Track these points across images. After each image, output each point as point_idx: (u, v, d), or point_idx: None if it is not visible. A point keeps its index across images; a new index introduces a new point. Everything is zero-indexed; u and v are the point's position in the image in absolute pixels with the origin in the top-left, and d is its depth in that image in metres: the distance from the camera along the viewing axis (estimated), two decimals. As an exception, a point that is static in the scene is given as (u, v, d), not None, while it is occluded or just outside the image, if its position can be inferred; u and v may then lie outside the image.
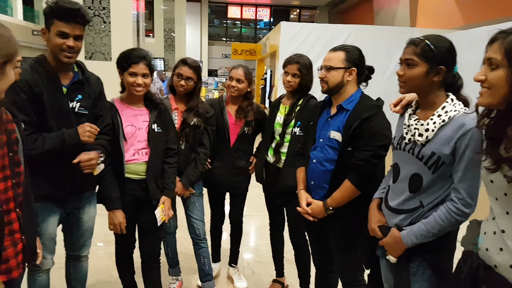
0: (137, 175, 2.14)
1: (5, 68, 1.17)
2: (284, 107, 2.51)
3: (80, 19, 1.77)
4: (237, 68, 2.59)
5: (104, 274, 2.93)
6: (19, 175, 1.42)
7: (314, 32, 7.37)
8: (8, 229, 1.38)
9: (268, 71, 10.54)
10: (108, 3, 5.25)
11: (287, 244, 2.69)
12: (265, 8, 21.49)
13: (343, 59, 1.86)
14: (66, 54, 1.78)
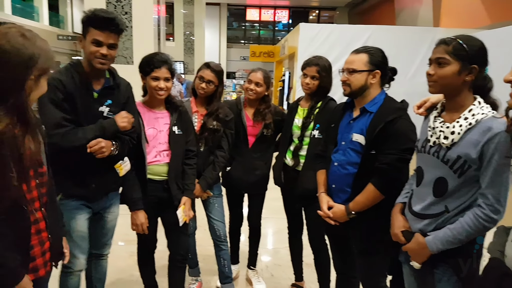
0: (159, 176, 2.17)
1: (40, 80, 1.21)
2: (303, 109, 2.49)
3: (114, 28, 1.82)
4: (256, 72, 2.58)
5: (126, 273, 2.97)
6: (42, 175, 1.46)
7: (334, 33, 7.30)
8: (35, 228, 1.41)
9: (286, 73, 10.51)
10: (130, 8, 5.33)
11: (306, 248, 2.66)
12: (284, 10, 21.46)
13: (366, 62, 1.83)
14: (100, 61, 1.83)
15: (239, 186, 2.69)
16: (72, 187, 1.87)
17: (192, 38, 14.19)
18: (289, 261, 2.84)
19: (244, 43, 21.75)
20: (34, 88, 1.19)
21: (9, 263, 1.23)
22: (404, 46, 6.94)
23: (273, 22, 21.85)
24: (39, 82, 1.21)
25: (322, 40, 7.31)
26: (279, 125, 2.63)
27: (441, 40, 1.48)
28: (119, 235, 2.23)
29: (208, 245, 2.96)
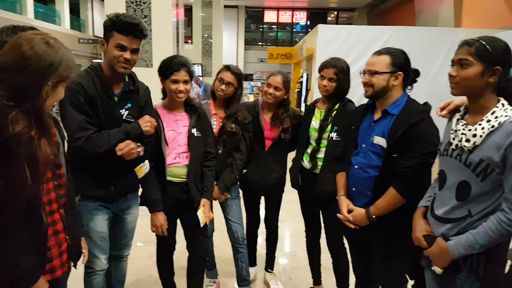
0: (178, 178, 2.19)
1: (57, 87, 1.24)
2: (320, 111, 2.47)
3: (138, 33, 1.83)
4: (276, 75, 2.56)
5: (144, 274, 2.99)
6: (60, 177, 1.48)
7: (353, 34, 7.25)
8: (52, 230, 1.43)
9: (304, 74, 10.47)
10: (150, 11, 5.41)
11: (324, 251, 2.64)
12: (302, 11, 21.40)
13: (389, 63, 1.80)
14: (123, 65, 1.85)
15: (255, 188, 2.68)
16: (90, 188, 1.89)
17: (210, 41, 14.29)
18: (307, 264, 2.82)
19: (262, 45, 21.78)
20: (50, 94, 1.21)
21: (24, 265, 1.25)
22: (424, 47, 6.84)
23: (291, 24, 21.81)
24: (56, 89, 1.24)
25: (340, 41, 7.27)
26: (297, 129, 2.61)
27: (463, 41, 1.45)
28: (138, 236, 2.26)
29: (225, 247, 2.97)
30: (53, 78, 1.19)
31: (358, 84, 2.04)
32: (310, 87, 9.12)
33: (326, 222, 2.50)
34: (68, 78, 1.26)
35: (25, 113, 1.12)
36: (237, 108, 2.45)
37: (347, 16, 21.40)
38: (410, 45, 6.56)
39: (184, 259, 2.40)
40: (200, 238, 2.32)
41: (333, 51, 6.81)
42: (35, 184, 1.14)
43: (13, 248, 1.22)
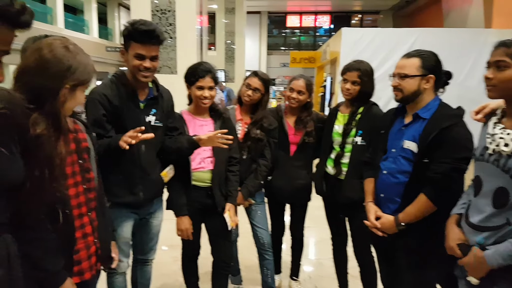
0: (203, 182, 2.20)
1: (76, 91, 1.26)
2: (343, 115, 2.41)
3: (155, 40, 1.83)
4: (298, 79, 2.52)
5: (170, 279, 3.00)
6: (89, 181, 1.50)
7: (378, 37, 7.11)
8: (81, 232, 1.46)
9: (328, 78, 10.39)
10: (174, 20, 5.49)
11: (351, 259, 2.58)
12: (325, 15, 21.28)
13: (419, 66, 1.75)
14: (143, 74, 1.86)
15: (281, 196, 2.63)
16: (121, 196, 1.92)
17: (233, 47, 14.39)
18: (333, 273, 2.75)
19: (284, 50, 21.77)
20: (69, 98, 1.24)
21: (51, 266, 1.26)
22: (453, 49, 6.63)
23: (314, 28, 21.72)
24: (74, 93, 1.26)
25: (365, 44, 7.16)
26: (321, 132, 2.57)
27: (500, 42, 1.39)
28: (163, 239, 2.27)
29: (249, 253, 2.95)
30: (71, 81, 1.22)
31: (384, 87, 1.99)
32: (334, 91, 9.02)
33: (352, 229, 2.44)
34: (87, 82, 1.29)
35: (44, 115, 1.15)
36: (263, 114, 2.42)
37: (372, 19, 21.12)
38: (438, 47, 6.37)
39: (209, 264, 2.40)
40: (224, 243, 2.32)
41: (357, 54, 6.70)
42: (54, 185, 1.17)
43: (40, 250, 1.24)
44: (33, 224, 1.22)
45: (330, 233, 2.65)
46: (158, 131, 2.00)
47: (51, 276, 1.27)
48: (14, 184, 1.04)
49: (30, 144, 1.10)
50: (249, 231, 2.64)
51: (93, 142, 1.57)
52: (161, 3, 5.46)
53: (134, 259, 2.21)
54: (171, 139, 2.07)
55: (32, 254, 1.22)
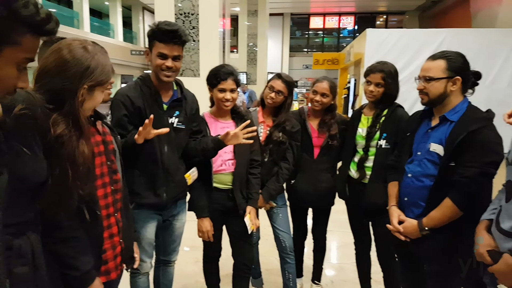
0: (224, 185, 2.20)
1: (94, 91, 1.27)
2: (366, 118, 2.36)
3: (177, 40, 1.85)
4: (322, 82, 2.48)
5: (191, 280, 3.02)
6: (116, 182, 1.53)
7: (404, 38, 7.01)
8: (108, 233, 1.48)
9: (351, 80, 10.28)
10: (197, 23, 5.54)
11: (375, 264, 2.53)
12: (349, 16, 21.05)
13: (445, 68, 1.70)
14: (166, 74, 1.88)
15: (304, 200, 2.59)
16: (144, 197, 1.94)
17: (255, 49, 14.41)
18: (356, 278, 2.71)
19: (307, 51, 21.65)
20: (87, 98, 1.25)
21: (81, 265, 1.29)
22: (481, 50, 6.46)
23: (338, 29, 21.52)
24: (93, 93, 1.27)
25: (390, 45, 7.06)
26: (344, 134, 2.53)
27: None
28: (185, 240, 2.29)
29: (270, 256, 2.94)
30: (89, 82, 1.22)
31: (410, 89, 1.94)
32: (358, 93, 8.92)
33: (376, 234, 2.39)
34: (105, 83, 1.29)
35: (64, 115, 1.16)
36: (286, 117, 2.40)
37: (397, 20, 20.75)
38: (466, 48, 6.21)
39: (230, 265, 2.40)
40: (245, 246, 2.31)
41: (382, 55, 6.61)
42: (77, 184, 1.17)
43: (71, 249, 1.26)
44: (65, 223, 1.25)
45: (353, 238, 2.61)
46: (181, 133, 2.02)
47: (82, 275, 1.29)
48: (37, 183, 1.05)
49: (51, 144, 1.11)
50: (270, 234, 2.63)
51: (118, 144, 1.60)
52: (184, 7, 5.52)
53: (156, 259, 2.23)
54: (196, 141, 2.09)
55: (65, 253, 1.25)
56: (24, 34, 0.84)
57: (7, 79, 0.87)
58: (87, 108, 1.28)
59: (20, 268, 0.97)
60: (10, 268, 0.92)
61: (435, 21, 17.13)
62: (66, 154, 1.14)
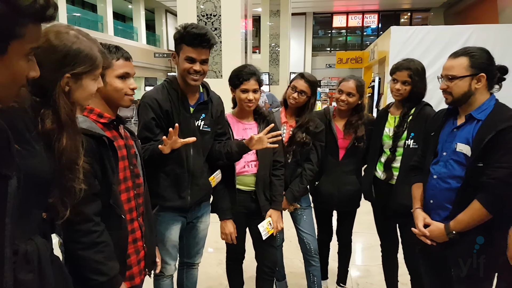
0: (247, 186, 2.20)
1: (81, 80, 1.14)
2: (393, 117, 2.31)
3: (206, 43, 1.85)
4: (348, 80, 2.43)
5: (215, 282, 3.04)
6: (139, 186, 1.54)
7: (429, 35, 6.83)
8: (132, 237, 1.49)
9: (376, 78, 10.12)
10: (220, 24, 5.56)
11: (401, 266, 2.47)
12: (373, 14, 20.72)
13: (467, 65, 1.64)
14: (193, 78, 1.89)
15: (329, 202, 2.55)
16: (169, 200, 1.95)
17: (278, 49, 14.37)
18: (382, 280, 2.67)
19: (330, 51, 21.45)
20: (74, 88, 1.13)
21: (110, 271, 1.29)
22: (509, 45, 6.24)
23: (361, 28, 21.22)
24: (80, 82, 1.14)
25: (415, 43, 6.91)
26: (371, 135, 2.47)
27: None
28: (209, 242, 2.30)
29: (294, 258, 2.92)
30: (70, 70, 1.10)
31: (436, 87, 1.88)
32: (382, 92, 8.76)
33: (404, 236, 2.33)
34: (95, 71, 1.17)
35: (50, 108, 1.05)
36: (309, 117, 2.36)
37: (422, 17, 20.29)
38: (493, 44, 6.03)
39: (254, 268, 2.39)
40: (269, 249, 2.29)
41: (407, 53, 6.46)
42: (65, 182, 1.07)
43: (100, 254, 1.27)
44: (94, 228, 1.26)
45: (380, 240, 2.56)
46: (207, 135, 2.03)
47: (108, 280, 1.29)
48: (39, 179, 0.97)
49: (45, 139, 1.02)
50: (294, 236, 2.61)
51: (139, 148, 1.62)
52: (206, 8, 5.56)
53: (180, 262, 2.25)
54: (220, 144, 2.09)
55: (93, 259, 1.25)
56: (26, 25, 0.80)
57: (19, 73, 0.84)
58: (79, 98, 1.16)
59: (25, 274, 0.91)
60: (14, 275, 0.86)
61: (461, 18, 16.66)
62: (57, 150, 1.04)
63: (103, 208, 1.34)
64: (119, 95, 1.47)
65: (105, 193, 1.35)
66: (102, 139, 1.35)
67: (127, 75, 1.48)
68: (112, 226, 1.36)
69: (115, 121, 1.49)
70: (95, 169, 1.32)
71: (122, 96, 1.48)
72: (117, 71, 1.46)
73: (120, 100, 1.49)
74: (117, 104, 1.50)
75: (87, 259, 1.26)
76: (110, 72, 1.44)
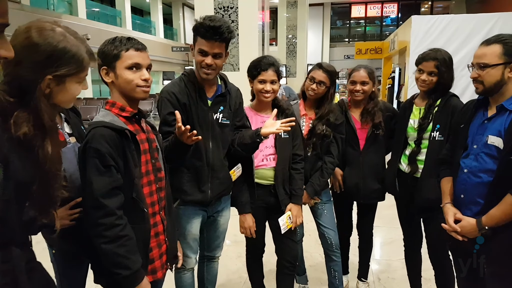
0: (266, 180, 2.16)
1: (64, 82, 1.05)
2: (418, 108, 2.24)
3: (218, 37, 1.78)
4: (359, 70, 2.39)
5: (234, 275, 3.03)
6: (161, 180, 1.54)
7: (452, 24, 6.63)
8: (154, 231, 1.48)
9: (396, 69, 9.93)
10: (237, 16, 5.53)
11: (425, 261, 2.41)
12: (392, 3, 20.35)
13: (501, 53, 1.55)
14: (205, 71, 1.85)
15: (352, 194, 2.50)
16: (190, 194, 1.94)
17: (295, 41, 14.25)
18: (404, 275, 2.60)
19: (349, 41, 21.18)
20: (56, 90, 1.03)
21: (133, 265, 1.29)
22: (540, 32, 5.99)
23: (381, 17, 20.85)
24: (63, 85, 1.05)
25: (437, 32, 6.73)
26: (390, 122, 2.42)
27: None
28: (227, 235, 2.28)
29: (314, 252, 2.88)
30: (53, 72, 1.01)
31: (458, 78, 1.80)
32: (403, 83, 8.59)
33: (428, 231, 2.27)
34: (79, 73, 1.08)
35: (26, 110, 0.95)
36: (329, 109, 2.31)
37: (443, 6, 19.81)
38: (522, 31, 5.82)
39: (274, 261, 2.37)
40: (289, 243, 2.26)
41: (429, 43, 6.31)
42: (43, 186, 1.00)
43: (123, 248, 1.27)
44: (117, 222, 1.26)
45: (403, 234, 2.50)
46: (226, 128, 2.00)
47: (131, 274, 1.29)
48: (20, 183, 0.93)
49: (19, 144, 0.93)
50: (313, 230, 2.57)
51: (160, 142, 1.60)
52: (223, 1, 5.53)
53: (200, 255, 2.25)
54: (234, 137, 2.06)
55: (117, 252, 1.26)
56: None
57: None
58: (61, 101, 1.07)
59: None
60: None
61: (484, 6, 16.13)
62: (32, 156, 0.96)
63: (126, 202, 1.33)
64: (130, 86, 1.41)
65: (128, 186, 1.35)
66: (124, 133, 1.35)
67: (137, 66, 1.42)
68: (135, 220, 1.36)
69: (137, 115, 1.48)
70: (117, 163, 1.31)
71: (134, 88, 1.42)
72: (125, 62, 1.40)
73: (132, 92, 1.43)
74: (131, 97, 1.44)
75: (110, 252, 1.26)
76: (119, 64, 1.40)
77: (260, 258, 2.43)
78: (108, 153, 1.29)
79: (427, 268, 2.38)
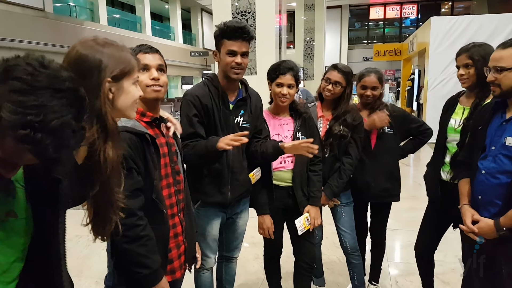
0: (284, 182, 2.19)
1: (123, 83, 1.10)
2: (462, 107, 2.10)
3: (246, 35, 1.89)
4: (369, 75, 2.38)
5: (252, 276, 3.06)
6: (179, 183, 1.58)
7: (472, 24, 6.54)
8: (173, 232, 1.53)
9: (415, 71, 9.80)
10: (254, 20, 5.58)
11: (441, 264, 2.38)
12: (411, 4, 20.09)
13: None
14: (235, 71, 1.92)
15: (365, 192, 2.47)
16: (211, 195, 1.99)
17: (312, 44, 14.22)
18: (423, 278, 2.58)
19: (367, 43, 21.01)
20: (117, 94, 1.08)
21: (153, 264, 1.34)
22: None
23: (400, 19, 20.62)
24: (122, 86, 1.09)
25: (457, 33, 6.63)
26: (398, 122, 2.41)
27: None
28: (245, 237, 2.31)
29: (331, 255, 2.88)
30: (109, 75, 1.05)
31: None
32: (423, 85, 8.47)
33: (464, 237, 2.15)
34: (132, 72, 1.12)
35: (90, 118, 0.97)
36: (346, 109, 2.31)
37: (464, 6, 19.44)
38: (546, 31, 5.67)
39: (292, 263, 2.38)
40: (306, 245, 2.27)
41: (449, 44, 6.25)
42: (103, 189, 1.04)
43: (144, 248, 1.32)
44: (139, 222, 1.31)
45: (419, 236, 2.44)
46: None
47: (151, 273, 1.33)
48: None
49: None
50: (331, 232, 2.58)
51: (179, 146, 1.65)
52: (241, 5, 5.59)
53: (219, 255, 2.28)
54: (256, 144, 2.09)
55: (137, 252, 1.30)
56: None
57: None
58: (123, 106, 1.11)
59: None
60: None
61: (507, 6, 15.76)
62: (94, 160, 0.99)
63: (146, 203, 1.38)
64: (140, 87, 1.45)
65: (148, 188, 1.39)
66: (145, 137, 1.39)
67: (146, 67, 1.48)
68: (155, 220, 1.41)
69: (157, 119, 1.53)
70: (138, 166, 1.36)
71: (144, 88, 1.44)
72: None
73: (143, 93, 1.42)
74: (144, 99, 1.46)
75: (131, 252, 1.31)
76: None
77: (278, 259, 2.45)
78: (129, 156, 1.33)
79: (444, 271, 2.35)
